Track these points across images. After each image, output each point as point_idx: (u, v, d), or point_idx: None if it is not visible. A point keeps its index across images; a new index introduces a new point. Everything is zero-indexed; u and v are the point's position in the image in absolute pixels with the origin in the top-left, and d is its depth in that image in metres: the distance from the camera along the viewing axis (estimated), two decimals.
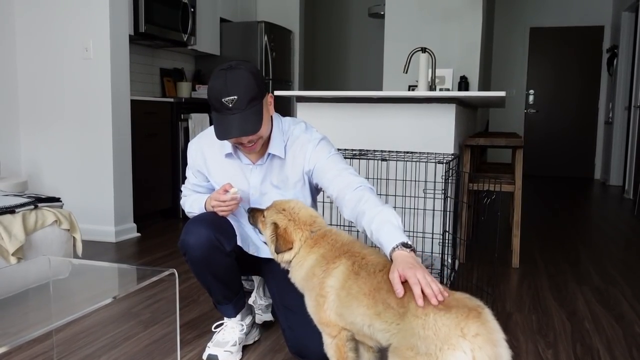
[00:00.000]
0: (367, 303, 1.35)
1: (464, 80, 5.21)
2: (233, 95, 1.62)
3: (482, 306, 1.22)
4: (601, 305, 2.59)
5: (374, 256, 1.47)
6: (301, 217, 1.61)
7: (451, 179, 2.60)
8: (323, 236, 1.57)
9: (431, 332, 1.16)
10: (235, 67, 1.65)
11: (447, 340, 1.14)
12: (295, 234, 1.58)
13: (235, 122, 1.64)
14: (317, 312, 1.51)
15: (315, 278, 1.51)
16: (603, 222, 4.69)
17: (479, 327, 1.14)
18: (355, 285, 1.40)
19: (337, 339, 1.49)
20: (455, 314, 1.17)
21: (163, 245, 3.61)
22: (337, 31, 8.26)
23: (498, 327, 1.18)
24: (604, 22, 7.85)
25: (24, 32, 3.80)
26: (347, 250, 1.50)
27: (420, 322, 1.20)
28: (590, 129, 8.10)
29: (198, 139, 1.97)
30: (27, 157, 3.89)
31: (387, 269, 1.38)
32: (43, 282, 1.90)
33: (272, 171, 1.87)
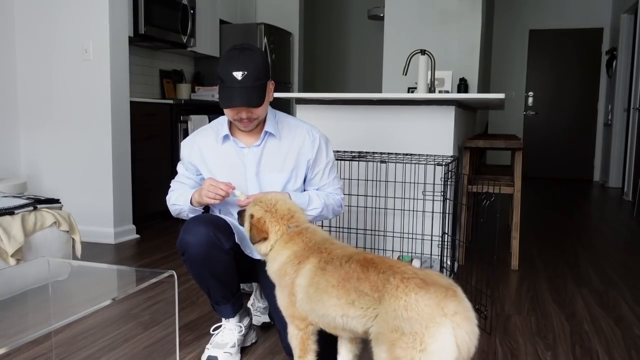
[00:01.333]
0: (337, 294, 1.41)
1: (464, 82, 5.21)
2: (243, 70, 1.75)
3: (455, 285, 1.31)
4: (600, 307, 2.59)
5: (340, 250, 1.53)
6: (279, 209, 1.65)
7: (450, 181, 2.60)
8: (299, 233, 1.62)
9: (414, 313, 1.24)
10: (248, 48, 1.80)
11: (432, 319, 1.22)
12: (271, 226, 1.63)
13: (240, 94, 1.75)
14: (288, 308, 1.59)
15: (287, 276, 1.57)
16: (602, 224, 4.70)
17: (457, 305, 1.24)
18: (322, 280, 1.46)
19: (303, 332, 1.58)
20: (435, 293, 1.25)
21: (162, 246, 3.60)
22: (336, 33, 8.27)
23: (470, 306, 1.29)
24: (603, 24, 7.86)
25: (23, 33, 3.80)
26: (317, 249, 1.56)
27: (402, 303, 1.27)
28: (589, 131, 8.11)
29: (192, 135, 2.04)
30: (26, 159, 3.89)
31: (353, 259, 1.44)
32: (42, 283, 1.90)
33: (267, 153, 1.93)
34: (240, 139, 1.94)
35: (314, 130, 2.00)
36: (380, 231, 2.95)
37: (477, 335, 1.27)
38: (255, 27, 5.48)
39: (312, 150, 1.96)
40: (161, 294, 2.65)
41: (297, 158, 1.94)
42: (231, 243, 1.83)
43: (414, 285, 1.28)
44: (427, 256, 2.82)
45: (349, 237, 2.98)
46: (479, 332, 1.27)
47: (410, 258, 2.76)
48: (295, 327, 1.60)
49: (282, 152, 1.94)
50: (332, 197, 1.99)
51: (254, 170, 1.93)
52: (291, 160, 1.94)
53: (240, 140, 1.94)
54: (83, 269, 2.01)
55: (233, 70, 1.75)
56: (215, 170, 1.93)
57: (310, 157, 1.96)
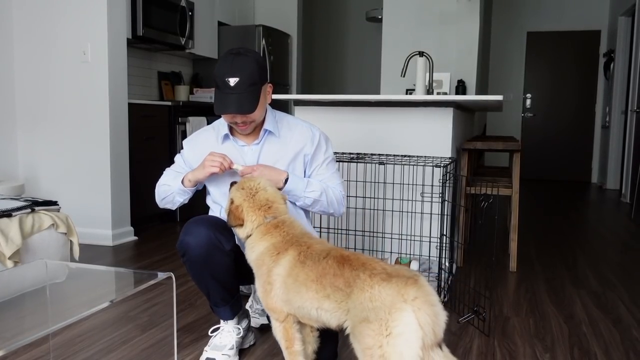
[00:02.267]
0: (316, 288, 1.48)
1: (462, 84, 5.22)
2: (236, 76, 1.76)
3: (418, 275, 1.39)
4: (599, 309, 2.59)
5: (319, 245, 1.58)
6: (257, 199, 1.68)
7: (449, 183, 2.61)
8: (276, 226, 1.65)
9: (378, 303, 1.34)
10: (242, 53, 1.80)
11: (393, 305, 1.32)
12: (247, 215, 1.67)
13: (233, 101, 1.77)
14: (264, 297, 1.63)
15: (265, 266, 1.61)
16: (600, 226, 4.70)
17: (417, 291, 1.33)
18: (302, 273, 1.52)
19: (285, 323, 1.63)
20: (396, 282, 1.35)
21: (160, 248, 3.60)
22: (334, 35, 8.28)
23: (433, 291, 1.37)
24: (600, 26, 7.88)
25: (21, 35, 3.80)
26: (296, 242, 1.60)
27: (367, 295, 1.36)
28: (587, 133, 8.12)
29: (195, 135, 2.05)
30: (24, 161, 3.88)
31: (330, 256, 1.51)
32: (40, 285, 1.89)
33: (267, 150, 1.94)
34: (240, 138, 1.96)
35: (313, 127, 2.00)
36: (378, 233, 2.94)
37: (442, 317, 1.35)
38: (253, 29, 5.48)
39: (312, 146, 1.96)
40: (159, 295, 2.64)
41: (295, 152, 1.95)
42: (231, 245, 1.83)
43: (378, 279, 1.37)
44: (426, 258, 2.82)
45: (347, 238, 2.98)
46: (444, 316, 1.35)
47: (409, 260, 2.76)
48: (275, 320, 1.64)
49: (281, 150, 1.95)
50: (332, 189, 1.96)
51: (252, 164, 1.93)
52: (289, 155, 1.95)
53: (240, 139, 1.96)
54: (81, 271, 2.00)
55: (226, 76, 1.76)
56: None
57: (309, 152, 1.96)
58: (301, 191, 1.89)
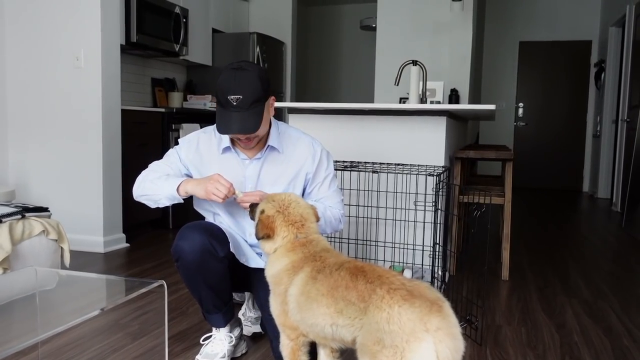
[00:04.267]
0: (327, 302, 1.40)
1: (455, 93, 5.25)
2: (239, 94, 1.71)
3: (442, 299, 1.29)
4: (590, 318, 2.60)
5: (332, 258, 1.51)
6: (291, 212, 1.62)
7: (442, 192, 2.61)
8: (302, 244, 1.59)
9: (396, 327, 1.23)
10: (245, 68, 1.75)
11: (413, 333, 1.21)
12: (279, 228, 1.61)
13: (236, 120, 1.72)
14: (280, 316, 1.58)
15: (282, 286, 1.56)
16: (591, 235, 4.73)
17: (441, 321, 1.22)
18: (313, 288, 1.45)
19: (293, 342, 1.57)
20: (419, 307, 1.24)
21: (152, 256, 3.58)
22: (329, 43, 8.31)
23: (456, 322, 1.27)
24: (591, 36, 7.96)
25: (14, 40, 3.78)
26: (312, 258, 1.54)
27: (384, 315, 1.25)
28: (578, 142, 8.18)
29: (195, 136, 1.99)
30: (15, 166, 3.85)
31: (344, 267, 1.43)
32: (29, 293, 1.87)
33: (268, 166, 1.92)
34: (241, 150, 1.92)
35: (315, 143, 1.98)
36: (372, 241, 2.94)
37: (462, 351, 1.26)
38: (247, 36, 5.49)
39: (313, 164, 1.94)
40: (150, 303, 2.63)
41: (297, 170, 1.93)
42: (226, 251, 1.82)
43: (399, 298, 1.26)
44: (419, 266, 2.82)
45: (340, 246, 2.97)
46: (463, 349, 1.26)
47: (402, 268, 2.76)
48: (286, 337, 1.60)
49: (282, 166, 1.92)
50: (331, 210, 1.93)
51: (253, 182, 1.92)
52: (290, 172, 1.93)
53: (242, 151, 1.92)
54: (71, 279, 1.99)
55: (229, 94, 1.71)
56: None
57: (310, 170, 1.94)
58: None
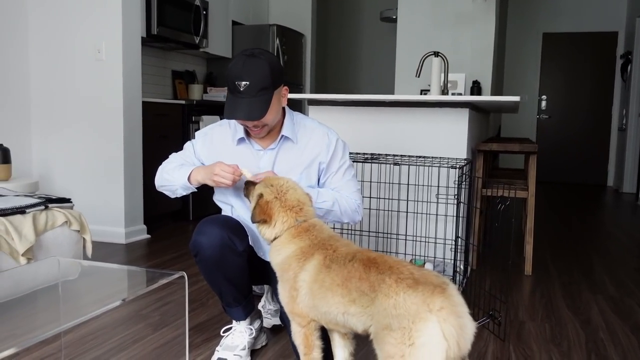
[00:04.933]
0: (342, 292, 1.43)
1: (477, 85, 5.17)
2: (246, 80, 1.70)
3: (446, 282, 1.32)
4: (616, 315, 2.54)
5: (344, 248, 1.53)
6: (288, 198, 1.62)
7: (464, 184, 2.57)
8: (307, 229, 1.60)
9: (402, 310, 1.28)
10: (255, 55, 1.73)
11: (417, 314, 1.26)
12: (277, 214, 1.61)
13: (242, 106, 1.71)
14: (289, 303, 1.58)
15: (291, 271, 1.56)
16: (617, 230, 4.63)
17: (443, 301, 1.26)
18: (327, 277, 1.47)
19: (305, 329, 1.58)
20: (422, 291, 1.28)
21: (173, 247, 3.60)
22: (348, 35, 8.25)
23: (461, 301, 1.30)
24: (618, 27, 7.78)
25: (36, 33, 3.82)
26: (322, 245, 1.55)
27: (391, 302, 1.30)
28: (603, 136, 8.02)
29: (210, 129, 2.00)
30: (38, 158, 3.90)
31: (356, 259, 1.45)
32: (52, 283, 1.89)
33: (282, 156, 1.90)
34: (256, 141, 1.91)
35: (331, 133, 1.95)
36: (392, 234, 2.91)
37: (469, 329, 1.28)
38: (267, 28, 5.47)
39: (327, 154, 1.90)
40: (171, 294, 2.64)
41: (311, 160, 1.91)
42: (244, 245, 1.81)
43: (404, 285, 1.31)
44: (440, 260, 2.79)
45: (360, 239, 2.95)
46: (473, 328, 1.29)
47: (423, 261, 2.73)
48: (297, 324, 1.60)
49: (297, 156, 1.90)
50: (346, 199, 1.90)
51: (266, 169, 1.89)
52: (304, 162, 1.91)
53: (257, 142, 1.91)
54: (93, 269, 2.00)
55: (236, 80, 1.71)
56: None
57: (324, 160, 1.90)
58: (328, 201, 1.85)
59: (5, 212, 2.23)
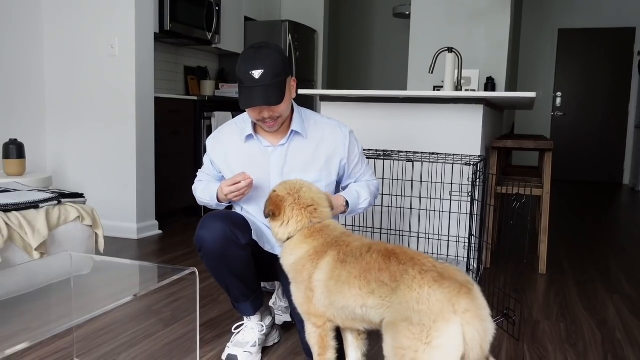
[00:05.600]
0: (360, 284, 1.41)
1: (491, 81, 5.12)
2: (260, 68, 1.72)
3: (471, 282, 1.30)
4: (633, 315, 2.50)
5: (357, 242, 1.52)
6: (302, 197, 1.62)
7: (479, 182, 2.54)
8: (320, 230, 1.59)
9: (425, 307, 1.25)
10: (264, 47, 1.77)
11: (441, 314, 1.23)
12: (290, 211, 1.60)
13: (259, 93, 1.72)
14: (304, 304, 1.57)
15: (305, 272, 1.54)
16: (633, 229, 4.56)
17: (469, 303, 1.23)
18: (344, 272, 1.45)
19: (321, 329, 1.57)
20: (448, 288, 1.25)
21: (184, 242, 3.60)
22: (361, 31, 8.21)
23: (485, 303, 1.28)
24: (635, 23, 7.66)
25: (50, 28, 3.84)
26: (335, 243, 1.54)
27: (414, 295, 1.27)
28: (619, 133, 7.91)
29: (217, 132, 2.01)
30: (52, 153, 3.93)
31: (372, 250, 1.44)
32: (65, 277, 1.90)
33: (294, 152, 1.90)
34: (265, 138, 1.90)
35: (341, 126, 1.96)
36: (405, 231, 2.89)
37: (491, 333, 1.26)
38: (280, 24, 5.45)
39: (344, 149, 1.92)
40: (182, 290, 2.64)
41: (327, 157, 1.90)
42: (247, 239, 1.80)
43: (429, 279, 1.28)
44: (453, 258, 2.76)
45: (372, 236, 2.93)
46: (493, 331, 1.26)
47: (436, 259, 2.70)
48: (312, 325, 1.58)
49: (309, 151, 1.90)
50: (371, 183, 2.01)
51: (279, 170, 1.89)
52: (320, 159, 1.90)
53: (265, 139, 1.90)
54: (105, 264, 2.00)
55: (250, 70, 1.72)
56: (238, 170, 1.89)
57: (344, 155, 1.92)
58: (356, 205, 1.91)
59: (19, 207, 2.24)
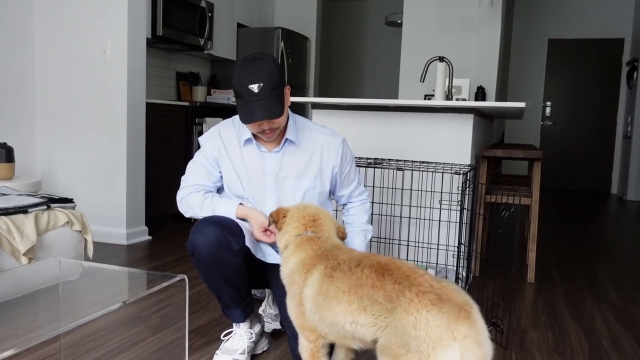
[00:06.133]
0: (348, 299, 1.38)
1: (481, 90, 5.16)
2: (259, 82, 1.72)
3: (470, 304, 1.26)
4: (620, 324, 2.52)
5: (345, 255, 1.50)
6: (306, 207, 1.67)
7: (468, 190, 2.55)
8: (310, 240, 1.59)
9: (423, 332, 1.20)
10: (259, 58, 1.76)
11: (439, 341, 1.18)
12: (289, 220, 1.64)
13: (260, 107, 1.73)
14: (298, 317, 1.57)
15: (296, 286, 1.55)
16: (621, 238, 4.60)
17: (468, 329, 1.20)
18: (332, 286, 1.42)
19: (313, 345, 1.56)
20: (447, 313, 1.21)
21: (174, 249, 3.59)
22: (353, 38, 8.25)
23: (484, 328, 1.25)
24: (624, 34, 7.76)
25: (42, 32, 3.82)
26: (325, 256, 1.53)
27: (412, 319, 1.23)
28: (607, 143, 7.99)
29: (215, 129, 2.00)
30: (42, 157, 3.90)
31: (363, 264, 1.41)
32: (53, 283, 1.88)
33: (288, 160, 1.92)
34: (262, 143, 1.93)
35: (334, 134, 1.98)
36: (395, 240, 2.90)
37: (490, 356, 1.23)
38: (272, 31, 5.47)
39: (337, 157, 1.95)
40: (172, 297, 2.63)
41: (321, 165, 1.93)
42: (240, 244, 1.80)
43: (427, 302, 1.23)
44: (442, 266, 2.77)
45: None
46: (491, 355, 1.23)
47: (425, 267, 2.71)
48: (305, 339, 1.58)
49: (303, 160, 1.92)
50: (367, 205, 2.07)
51: (273, 175, 1.91)
52: (314, 167, 1.92)
53: (262, 144, 1.92)
54: (94, 270, 1.99)
55: (249, 83, 1.72)
56: (237, 170, 1.92)
57: (336, 163, 1.95)
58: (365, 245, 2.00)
59: (8, 211, 2.23)
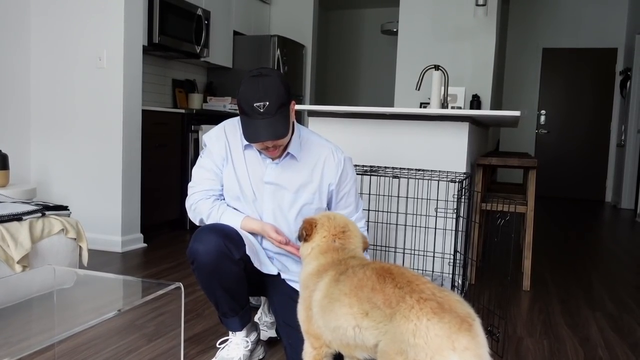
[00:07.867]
0: (350, 302, 1.36)
1: (476, 99, 5.19)
2: (265, 100, 1.69)
3: (472, 316, 1.23)
4: (615, 333, 2.53)
5: (355, 261, 1.50)
6: (336, 217, 1.67)
7: (464, 198, 2.56)
8: (335, 249, 1.58)
9: (422, 341, 1.17)
10: (266, 75, 1.73)
11: (439, 351, 1.15)
12: (319, 227, 1.63)
13: (265, 126, 1.70)
14: (305, 322, 1.56)
15: (308, 290, 1.54)
16: (615, 246, 4.62)
17: (469, 341, 1.17)
18: (335, 289, 1.42)
19: (316, 352, 1.54)
20: (449, 323, 1.18)
21: (169, 256, 3.58)
22: (349, 47, 8.28)
23: (485, 341, 1.22)
24: (617, 44, 7.82)
25: (38, 39, 3.82)
26: (338, 263, 1.53)
27: (411, 327, 1.20)
28: (601, 151, 8.03)
29: (220, 127, 1.98)
30: (37, 164, 3.89)
31: (369, 267, 1.40)
32: (47, 291, 1.87)
33: (286, 172, 1.91)
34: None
35: (338, 151, 1.96)
36: (390, 247, 2.90)
37: None
38: (268, 39, 5.49)
39: (336, 174, 1.93)
40: (167, 305, 2.61)
41: (321, 180, 1.92)
42: (241, 253, 1.80)
43: (428, 310, 1.20)
44: (438, 274, 2.77)
45: None
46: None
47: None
48: (310, 345, 1.57)
49: (302, 175, 1.91)
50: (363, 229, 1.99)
51: (272, 183, 1.91)
52: (314, 183, 1.92)
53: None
54: (89, 278, 1.98)
55: (254, 102, 1.69)
56: (237, 172, 1.91)
57: (333, 180, 1.93)
58: None
59: (2, 219, 2.21)
